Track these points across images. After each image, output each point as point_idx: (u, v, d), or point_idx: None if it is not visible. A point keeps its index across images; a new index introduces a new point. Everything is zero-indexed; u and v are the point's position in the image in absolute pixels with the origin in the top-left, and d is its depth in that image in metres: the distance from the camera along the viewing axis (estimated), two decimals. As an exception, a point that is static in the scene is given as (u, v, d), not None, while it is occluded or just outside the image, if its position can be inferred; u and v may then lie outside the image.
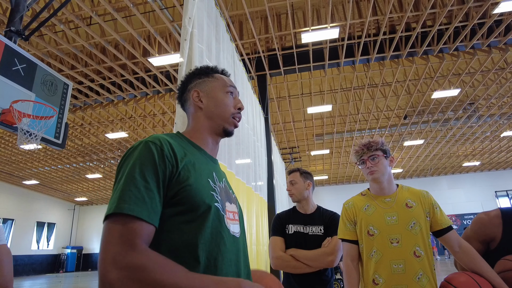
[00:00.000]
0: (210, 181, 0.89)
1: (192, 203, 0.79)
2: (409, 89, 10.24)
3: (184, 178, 0.80)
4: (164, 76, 8.71)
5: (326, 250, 1.88)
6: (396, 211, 1.62)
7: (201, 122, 1.01)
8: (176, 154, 0.83)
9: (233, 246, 0.86)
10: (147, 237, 0.70)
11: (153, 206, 0.73)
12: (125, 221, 0.68)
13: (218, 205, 0.86)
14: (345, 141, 14.04)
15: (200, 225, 0.79)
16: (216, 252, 0.80)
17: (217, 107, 1.01)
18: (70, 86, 3.29)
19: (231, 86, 1.07)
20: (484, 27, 7.36)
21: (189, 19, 2.74)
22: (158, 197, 0.75)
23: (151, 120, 11.32)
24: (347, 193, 20.62)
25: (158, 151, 0.79)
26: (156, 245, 0.76)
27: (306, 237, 1.98)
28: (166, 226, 0.78)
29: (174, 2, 6.14)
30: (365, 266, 1.62)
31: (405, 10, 7.04)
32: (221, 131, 1.01)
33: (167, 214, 0.78)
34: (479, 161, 17.75)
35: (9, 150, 13.34)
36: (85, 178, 17.74)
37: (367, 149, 1.71)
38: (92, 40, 7.48)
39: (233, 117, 1.02)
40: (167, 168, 0.78)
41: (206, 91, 1.04)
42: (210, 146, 1.01)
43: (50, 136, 2.96)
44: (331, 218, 2.03)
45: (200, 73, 1.08)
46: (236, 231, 0.91)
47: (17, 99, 2.54)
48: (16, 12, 2.88)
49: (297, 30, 7.52)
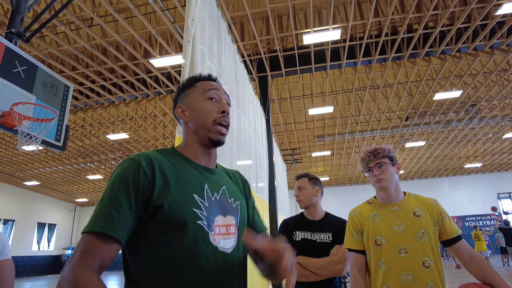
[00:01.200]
0: (197, 196, 0.85)
1: (169, 222, 0.78)
2: (410, 90, 10.21)
3: (161, 196, 0.79)
4: (165, 77, 8.69)
5: (335, 259, 1.82)
6: (404, 220, 1.57)
7: (189, 136, 0.98)
8: (155, 169, 0.82)
9: (221, 264, 0.82)
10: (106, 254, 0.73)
11: (121, 221, 0.74)
12: (88, 238, 0.73)
13: (202, 222, 0.82)
14: (346, 142, 14.01)
15: (178, 245, 0.78)
16: (197, 272, 0.77)
17: (198, 118, 0.96)
18: (71, 88, 3.27)
19: (212, 90, 1.00)
20: (486, 29, 7.33)
21: (192, 21, 2.71)
22: (128, 212, 0.76)
23: (152, 121, 11.31)
24: (349, 195, 20.65)
25: (134, 168, 0.80)
26: (139, 264, 0.78)
27: (314, 244, 1.92)
28: (145, 247, 0.78)
29: (175, 3, 6.12)
30: (373, 277, 1.58)
31: (407, 11, 7.02)
32: (207, 142, 0.96)
33: (146, 233, 0.78)
34: (481, 162, 17.69)
35: (10, 151, 13.33)
36: (85, 179, 17.73)
37: (374, 157, 1.65)
38: (93, 42, 7.47)
39: (217, 124, 0.95)
40: (141, 183, 0.79)
41: (188, 103, 1.00)
42: (203, 157, 0.97)
43: (51, 139, 2.94)
44: (339, 225, 1.97)
45: (184, 86, 1.05)
46: (228, 247, 0.86)
47: (17, 102, 2.52)
48: (17, 13, 2.86)
49: (299, 31, 7.50)
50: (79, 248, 0.73)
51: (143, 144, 13.24)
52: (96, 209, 0.77)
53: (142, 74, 8.52)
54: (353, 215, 1.73)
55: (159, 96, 9.66)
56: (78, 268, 0.69)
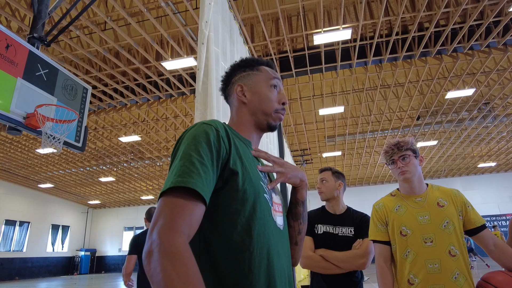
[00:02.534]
0: (259, 172, 0.88)
1: (244, 191, 0.78)
2: (422, 89, 10.12)
3: (236, 164, 0.80)
4: (177, 80, 8.80)
5: (358, 252, 1.83)
6: (428, 211, 1.60)
7: (245, 117, 0.99)
8: (230, 138, 0.83)
9: (279, 239, 0.85)
10: (194, 217, 0.67)
11: (207, 180, 0.71)
12: (172, 199, 0.67)
13: (267, 196, 0.85)
14: (357, 142, 13.93)
15: (252, 215, 0.77)
16: (267, 244, 0.79)
17: (261, 103, 0.97)
18: (89, 90, 3.36)
19: (276, 79, 1.02)
20: (499, 26, 7.24)
21: (206, 23, 2.76)
22: (212, 173, 0.74)
23: (164, 124, 11.44)
24: (360, 196, 20.48)
25: (213, 132, 0.80)
26: (213, 232, 0.76)
27: (336, 238, 1.94)
28: (221, 214, 0.77)
29: (187, 6, 6.21)
30: (399, 267, 1.61)
31: (417, 10, 6.98)
32: (265, 126, 0.98)
33: (221, 200, 0.77)
34: (495, 162, 17.39)
35: (25, 154, 13.64)
36: (98, 182, 17.99)
37: (398, 149, 1.69)
38: (106, 45, 7.62)
39: (277, 113, 0.98)
40: (221, 149, 0.78)
41: (250, 85, 1.00)
42: (255, 139, 1.00)
43: (71, 140, 3.03)
44: (362, 219, 1.99)
45: (245, 65, 1.03)
46: (281, 223, 0.89)
47: (40, 104, 2.61)
48: (38, 19, 2.97)
49: (309, 32, 7.52)
50: (164, 212, 0.65)
51: (155, 146, 13.40)
52: (176, 166, 0.72)
53: (154, 77, 8.64)
54: (377, 207, 1.77)
55: (171, 98, 9.77)
56: (170, 232, 0.62)
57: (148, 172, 16.59)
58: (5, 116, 2.42)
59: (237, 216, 0.77)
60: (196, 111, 2.28)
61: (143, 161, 14.98)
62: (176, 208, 0.65)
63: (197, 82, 2.23)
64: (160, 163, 15.39)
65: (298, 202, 0.99)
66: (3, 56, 2.43)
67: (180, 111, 10.55)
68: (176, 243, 0.61)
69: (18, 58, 2.57)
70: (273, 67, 1.06)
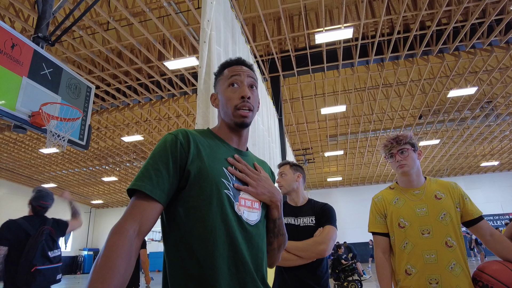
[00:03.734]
0: (226, 169, 0.94)
1: (200, 187, 0.87)
2: (424, 88, 10.12)
3: (193, 162, 0.88)
4: (179, 79, 8.84)
5: (317, 239, 1.81)
6: (425, 203, 1.64)
7: (221, 121, 1.07)
8: (190, 141, 0.91)
9: (244, 232, 0.90)
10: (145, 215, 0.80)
11: (159, 183, 0.83)
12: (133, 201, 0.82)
13: (229, 192, 0.90)
14: (359, 141, 13.94)
15: (207, 209, 0.85)
16: (224, 236, 0.85)
17: (224, 106, 1.03)
18: (92, 89, 3.40)
19: (234, 76, 1.04)
20: (502, 24, 7.23)
21: (208, 22, 2.79)
22: (166, 176, 0.84)
23: (166, 123, 11.48)
24: (362, 195, 20.48)
25: (172, 139, 0.90)
26: (174, 227, 0.87)
27: (298, 229, 1.93)
28: (181, 211, 0.87)
29: (189, 5, 6.24)
30: (397, 258, 1.65)
31: (419, 8, 6.99)
32: (234, 126, 1.02)
33: (181, 198, 0.87)
34: (497, 161, 17.34)
35: (28, 154, 13.72)
36: (101, 181, 18.08)
37: (396, 143, 1.73)
38: (108, 45, 7.67)
39: (238, 109, 1.00)
40: (178, 153, 0.88)
41: (218, 91, 1.08)
42: (235, 139, 1.05)
43: (75, 138, 3.06)
44: (322, 208, 1.98)
45: (217, 73, 1.11)
46: (252, 219, 0.94)
47: (45, 102, 2.64)
48: (43, 19, 3.00)
49: (311, 31, 7.54)
50: (125, 210, 0.82)
51: (157, 145, 13.44)
52: (138, 174, 0.86)
53: (156, 76, 8.68)
54: (376, 200, 1.81)
55: (173, 98, 9.82)
56: (119, 225, 0.77)
57: (150, 172, 16.63)
58: (11, 114, 2.46)
59: (194, 210, 0.86)
60: (198, 109, 2.31)
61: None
62: (130, 208, 0.81)
63: (199, 81, 2.26)
64: (162, 162, 15.41)
65: (269, 219, 1.03)
66: (9, 55, 2.47)
67: (183, 110, 10.59)
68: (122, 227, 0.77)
69: (23, 57, 2.61)
70: (235, 63, 1.07)
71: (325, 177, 19.45)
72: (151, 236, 21.43)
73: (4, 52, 2.42)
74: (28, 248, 2.43)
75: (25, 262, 2.39)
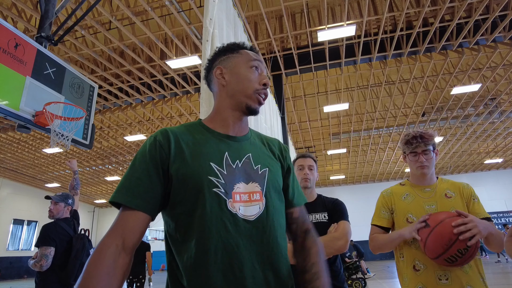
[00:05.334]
0: (214, 164, 0.85)
1: (185, 190, 0.81)
2: (427, 85, 10.06)
3: (173, 166, 0.83)
4: (181, 78, 8.84)
5: (336, 235, 1.77)
6: (435, 201, 1.63)
7: (223, 100, 0.98)
8: (170, 140, 0.86)
9: (242, 230, 0.81)
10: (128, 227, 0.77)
11: (140, 192, 0.80)
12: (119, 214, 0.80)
13: (219, 189, 0.82)
14: (362, 139, 13.89)
15: (196, 213, 0.80)
16: (215, 239, 0.78)
17: (239, 83, 0.95)
18: (95, 88, 3.40)
19: (256, 60, 0.99)
20: (506, 20, 7.17)
21: (210, 20, 2.78)
22: (147, 183, 0.81)
23: (169, 122, 11.49)
24: (365, 193, 20.44)
25: (151, 142, 0.86)
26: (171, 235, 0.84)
27: None
28: (172, 218, 0.83)
29: (191, 4, 6.23)
30: (405, 254, 1.63)
31: (422, 5, 6.94)
32: (243, 108, 0.95)
33: (170, 204, 0.84)
34: (501, 158, 17.25)
35: (32, 154, 13.78)
36: (104, 181, 18.14)
37: (424, 144, 1.68)
38: (110, 45, 7.67)
39: (258, 94, 0.95)
40: (158, 155, 0.84)
41: (230, 67, 0.98)
42: (231, 124, 0.96)
43: (79, 137, 3.07)
44: (333, 203, 1.96)
45: (226, 50, 1.02)
46: (251, 214, 0.84)
47: (48, 102, 2.65)
48: (46, 18, 3.01)
49: (313, 28, 7.51)
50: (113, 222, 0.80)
51: (159, 145, 13.46)
52: (118, 184, 0.82)
53: (158, 76, 8.69)
54: (385, 194, 1.80)
55: (176, 97, 9.82)
56: (96, 249, 0.75)
57: (153, 171, 16.67)
58: (15, 114, 2.46)
59: (183, 217, 0.82)
60: (201, 108, 2.30)
61: (149, 160, 15.06)
62: (114, 222, 0.79)
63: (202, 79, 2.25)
64: (165, 161, 15.45)
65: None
66: (12, 55, 2.47)
67: (185, 109, 10.59)
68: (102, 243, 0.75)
69: (27, 57, 2.61)
70: (255, 51, 1.04)
71: (328, 175, 19.42)
72: (154, 235, 21.52)
73: (8, 52, 2.43)
74: (77, 248, 2.72)
75: (76, 261, 2.67)
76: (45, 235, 2.59)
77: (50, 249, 2.56)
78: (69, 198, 2.92)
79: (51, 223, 2.72)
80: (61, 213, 2.82)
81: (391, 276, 10.85)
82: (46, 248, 2.55)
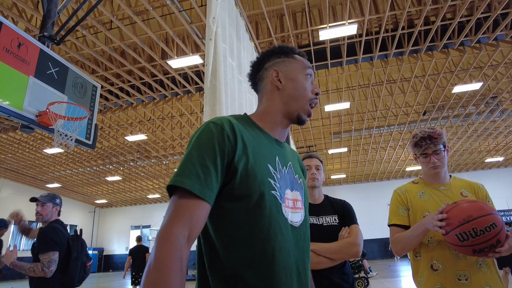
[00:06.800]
0: (271, 166, 0.85)
1: (247, 189, 0.78)
2: (428, 84, 10.05)
3: (239, 162, 0.79)
4: (182, 78, 8.82)
5: (350, 241, 1.73)
6: (452, 199, 1.60)
7: (276, 105, 0.96)
8: (236, 134, 0.82)
9: (291, 236, 0.83)
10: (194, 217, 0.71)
11: (207, 182, 0.74)
12: (178, 200, 0.72)
13: (276, 193, 0.82)
14: (363, 138, 13.88)
15: (255, 213, 0.77)
16: (273, 241, 0.78)
17: (296, 90, 0.95)
18: (98, 88, 3.39)
19: (310, 68, 1.00)
20: (507, 18, 7.16)
21: (213, 19, 2.76)
22: (214, 174, 0.75)
23: (170, 122, 11.48)
24: (366, 192, 20.44)
25: (218, 130, 0.80)
26: (217, 230, 0.79)
27: (322, 229, 1.82)
28: (224, 212, 0.79)
29: (192, 3, 6.22)
30: (422, 253, 1.61)
31: (424, 3, 6.92)
32: (294, 117, 0.95)
33: (225, 198, 0.79)
34: (503, 156, 17.24)
35: (33, 154, 13.77)
36: (105, 181, 18.11)
37: (434, 145, 1.66)
38: (111, 44, 7.66)
39: (310, 104, 0.96)
40: (225, 146, 0.79)
41: (286, 71, 0.98)
42: (279, 130, 0.96)
43: (82, 137, 3.06)
44: (343, 206, 1.92)
45: (280, 52, 1.02)
46: (296, 220, 0.87)
47: (52, 102, 2.64)
48: (48, 18, 2.99)
49: (314, 27, 7.49)
50: (169, 210, 0.72)
51: (161, 145, 13.46)
52: (180, 164, 0.76)
53: (159, 75, 8.67)
54: (399, 192, 1.76)
55: (177, 96, 9.80)
56: (170, 226, 0.69)
57: (154, 171, 16.67)
58: (19, 114, 2.45)
59: (238, 212, 0.78)
60: (205, 107, 2.29)
61: (150, 160, 15.05)
62: (179, 209, 0.71)
63: (205, 78, 2.23)
64: (166, 161, 15.45)
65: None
66: (16, 55, 2.46)
67: (186, 109, 10.58)
68: (170, 233, 0.67)
69: (30, 57, 2.60)
70: (306, 57, 1.05)
71: (329, 174, 19.41)
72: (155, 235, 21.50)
73: (11, 52, 2.42)
74: (77, 249, 2.68)
75: (77, 262, 2.65)
76: (48, 240, 2.50)
77: (56, 254, 2.47)
78: (57, 197, 2.81)
79: (49, 227, 2.60)
80: (50, 215, 2.68)
81: (393, 275, 10.86)
82: (54, 253, 2.47)
